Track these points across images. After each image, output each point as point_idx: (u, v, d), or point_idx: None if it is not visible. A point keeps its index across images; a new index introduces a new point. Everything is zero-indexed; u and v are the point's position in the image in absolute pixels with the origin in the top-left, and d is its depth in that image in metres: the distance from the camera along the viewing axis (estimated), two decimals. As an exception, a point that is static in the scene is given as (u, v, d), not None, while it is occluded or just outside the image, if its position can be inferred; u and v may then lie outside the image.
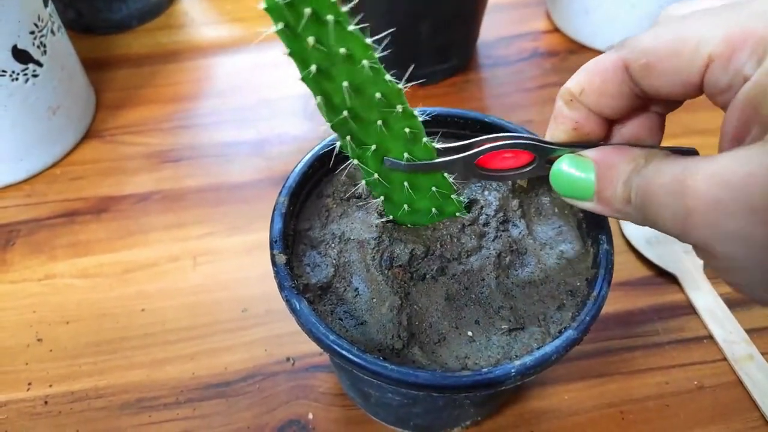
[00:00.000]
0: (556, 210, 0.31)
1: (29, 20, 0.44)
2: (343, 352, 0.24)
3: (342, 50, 0.22)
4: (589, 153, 0.24)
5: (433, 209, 0.30)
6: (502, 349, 0.26)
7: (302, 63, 0.22)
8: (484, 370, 0.23)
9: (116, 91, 0.56)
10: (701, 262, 0.42)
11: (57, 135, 0.49)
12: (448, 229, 0.30)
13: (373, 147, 0.26)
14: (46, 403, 0.36)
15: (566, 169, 0.24)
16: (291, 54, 0.22)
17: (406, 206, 0.29)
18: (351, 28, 0.21)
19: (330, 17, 0.20)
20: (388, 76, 0.23)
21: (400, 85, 0.24)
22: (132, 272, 0.43)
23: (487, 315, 0.27)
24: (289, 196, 0.29)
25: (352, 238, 0.30)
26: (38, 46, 0.45)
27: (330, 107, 0.24)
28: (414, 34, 0.51)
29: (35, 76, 0.45)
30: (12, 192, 0.48)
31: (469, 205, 0.31)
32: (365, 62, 0.22)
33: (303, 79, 0.23)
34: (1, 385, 0.37)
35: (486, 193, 0.32)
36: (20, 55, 0.44)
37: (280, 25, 0.21)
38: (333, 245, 0.30)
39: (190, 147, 0.51)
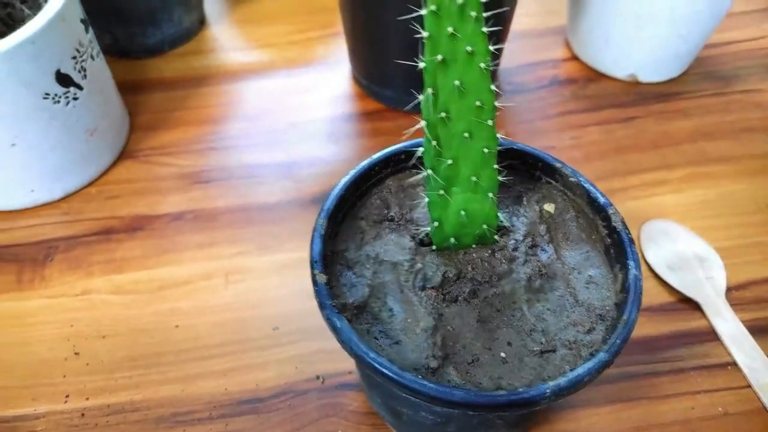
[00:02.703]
0: (583, 236, 0.32)
1: (72, 45, 0.46)
2: (384, 370, 0.25)
3: (468, 48, 0.24)
4: None
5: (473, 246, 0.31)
6: (535, 371, 0.27)
7: (433, 49, 0.24)
8: (521, 389, 0.24)
9: (149, 113, 0.58)
10: (723, 288, 0.43)
11: (94, 156, 0.51)
12: (479, 253, 0.31)
13: (449, 161, 0.28)
14: (83, 415, 0.37)
15: None
16: (428, 38, 0.24)
17: (453, 239, 0.31)
18: (484, 29, 0.24)
19: (473, 13, 0.23)
20: (492, 86, 0.25)
21: (497, 103, 0.26)
22: (166, 289, 0.44)
23: (519, 337, 0.28)
24: (327, 218, 0.31)
25: (385, 259, 0.31)
26: (79, 71, 0.47)
27: (435, 103, 0.26)
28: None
29: (75, 99, 0.47)
30: (49, 210, 0.50)
31: (498, 230, 0.32)
32: (482, 64, 0.24)
33: (425, 66, 0.24)
34: (39, 396, 0.38)
35: (514, 218, 0.33)
36: (63, 79, 0.46)
37: (433, 7, 0.23)
38: (368, 266, 0.31)
39: (221, 168, 0.53)
